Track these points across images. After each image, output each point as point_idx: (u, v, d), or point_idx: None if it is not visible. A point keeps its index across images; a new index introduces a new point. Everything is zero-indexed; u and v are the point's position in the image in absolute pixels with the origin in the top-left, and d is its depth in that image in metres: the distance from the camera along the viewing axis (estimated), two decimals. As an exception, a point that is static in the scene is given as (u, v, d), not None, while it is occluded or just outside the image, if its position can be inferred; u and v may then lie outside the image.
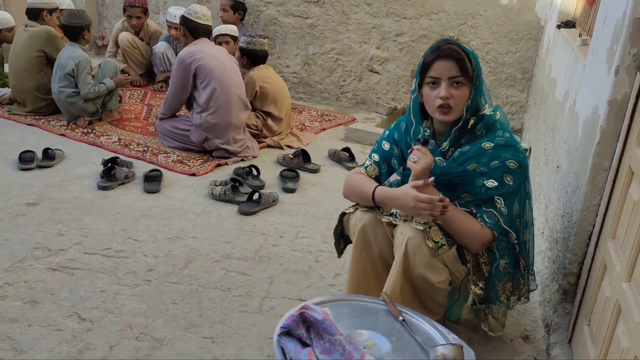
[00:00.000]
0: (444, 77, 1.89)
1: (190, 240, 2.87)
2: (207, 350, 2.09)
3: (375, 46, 5.37)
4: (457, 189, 1.96)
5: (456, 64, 1.88)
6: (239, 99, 4.00)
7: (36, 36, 4.52)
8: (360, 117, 5.21)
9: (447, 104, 1.90)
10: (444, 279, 1.94)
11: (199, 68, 3.86)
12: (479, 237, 1.91)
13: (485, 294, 2.00)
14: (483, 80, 1.96)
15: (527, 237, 2.04)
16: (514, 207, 1.94)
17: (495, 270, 1.97)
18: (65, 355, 2.02)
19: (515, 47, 4.95)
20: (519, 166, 1.93)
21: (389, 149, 2.15)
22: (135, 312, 2.28)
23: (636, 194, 1.69)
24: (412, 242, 1.89)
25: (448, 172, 1.95)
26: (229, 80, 3.93)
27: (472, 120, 1.95)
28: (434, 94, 1.91)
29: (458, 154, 1.97)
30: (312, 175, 3.85)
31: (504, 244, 1.96)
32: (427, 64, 1.92)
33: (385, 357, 1.66)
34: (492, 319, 2.06)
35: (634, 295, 1.57)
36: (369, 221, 2.04)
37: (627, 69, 1.84)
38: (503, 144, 1.93)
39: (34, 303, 2.29)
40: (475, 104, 1.94)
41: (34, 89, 4.52)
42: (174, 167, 3.76)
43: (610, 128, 1.92)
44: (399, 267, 1.91)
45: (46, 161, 3.63)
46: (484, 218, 1.92)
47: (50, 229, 2.87)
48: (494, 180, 1.91)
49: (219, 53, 4.04)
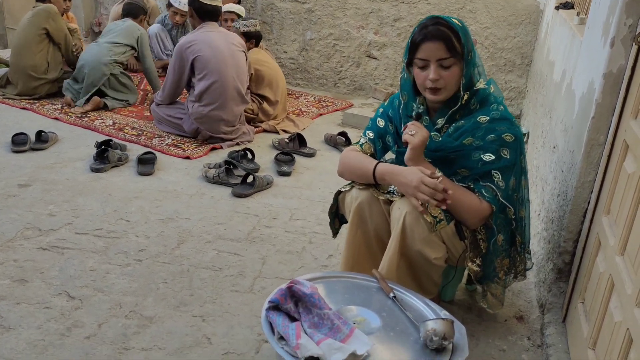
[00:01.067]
0: (432, 60, 1.86)
1: (182, 222, 2.84)
2: (196, 329, 2.07)
3: (373, 31, 5.32)
4: (454, 164, 1.93)
5: (444, 45, 1.83)
6: (237, 93, 3.89)
7: (38, 14, 4.53)
8: (358, 103, 5.17)
9: (436, 86, 1.87)
10: (441, 256, 1.91)
11: (196, 59, 3.78)
12: (477, 212, 1.88)
13: (482, 271, 1.97)
14: (475, 53, 1.92)
15: (523, 213, 2.02)
16: (510, 182, 1.91)
17: (493, 246, 1.95)
18: (54, 332, 2.00)
19: (515, 32, 4.90)
20: (515, 139, 1.90)
21: (383, 126, 2.12)
22: (125, 291, 2.26)
23: (630, 167, 1.66)
24: (409, 216, 1.86)
25: (444, 147, 1.93)
26: (226, 74, 3.81)
27: (466, 95, 1.92)
28: (424, 75, 1.89)
29: (453, 128, 1.94)
30: (307, 159, 3.82)
31: (502, 219, 1.93)
32: (415, 44, 1.88)
33: (375, 332, 1.64)
34: (491, 296, 2.04)
35: (626, 268, 1.54)
36: (365, 199, 2.01)
37: (623, 40, 1.80)
38: (498, 117, 1.90)
39: (23, 281, 2.27)
40: (468, 79, 1.91)
41: (30, 67, 4.49)
42: (168, 150, 3.73)
43: (606, 102, 1.88)
44: (396, 243, 1.89)
45: (39, 144, 3.61)
46: (482, 192, 1.89)
47: (42, 210, 2.84)
48: (490, 154, 1.87)
49: (222, 41, 3.85)
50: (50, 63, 4.60)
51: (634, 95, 1.73)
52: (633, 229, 1.55)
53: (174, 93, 3.99)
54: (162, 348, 1.96)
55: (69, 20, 5.04)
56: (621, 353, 1.43)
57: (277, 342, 1.56)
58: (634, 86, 1.75)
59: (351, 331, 1.58)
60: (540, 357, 2.06)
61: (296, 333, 1.56)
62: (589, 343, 1.74)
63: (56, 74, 4.62)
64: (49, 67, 4.59)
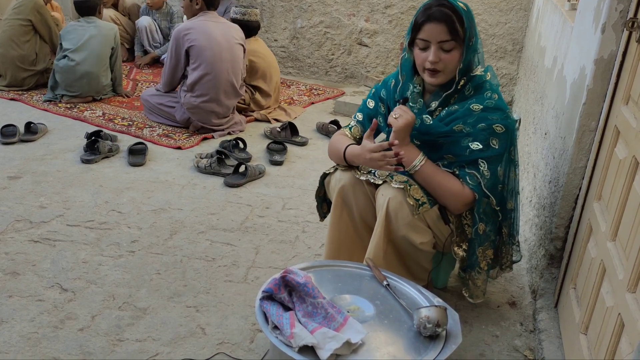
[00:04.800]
0: (433, 41, 1.85)
1: (175, 212, 2.83)
2: (190, 319, 2.07)
3: (364, 19, 5.29)
4: (442, 149, 1.93)
5: (446, 27, 1.82)
6: (230, 85, 3.84)
7: (24, 4, 4.47)
8: (350, 91, 5.15)
9: (435, 68, 1.87)
10: (427, 240, 1.92)
11: (191, 48, 3.73)
12: (459, 197, 1.89)
13: (467, 257, 1.98)
14: (478, 39, 1.90)
15: (512, 205, 2.01)
16: (497, 172, 1.91)
17: (476, 234, 1.95)
18: (47, 324, 1.99)
19: (506, 18, 4.89)
20: (506, 131, 1.89)
21: (374, 106, 2.11)
22: (118, 283, 2.25)
23: (621, 153, 1.66)
24: (393, 202, 1.86)
25: (433, 130, 1.92)
26: (220, 67, 3.76)
27: (462, 80, 1.91)
28: (424, 56, 1.88)
29: (445, 113, 1.93)
30: (299, 148, 3.81)
31: (485, 208, 1.93)
32: (418, 24, 1.88)
33: (369, 320, 1.65)
34: (473, 285, 2.04)
35: (618, 254, 1.55)
36: (348, 181, 2.02)
37: (614, 26, 1.80)
38: (492, 106, 1.89)
39: (15, 274, 2.25)
40: (467, 65, 1.90)
41: (17, 58, 4.45)
42: (160, 140, 3.71)
43: (597, 88, 1.88)
44: (381, 229, 1.89)
45: (28, 135, 3.58)
46: (466, 179, 1.89)
47: (32, 202, 2.82)
48: (479, 143, 1.87)
49: (220, 33, 3.79)
50: (39, 54, 4.55)
51: (625, 81, 1.73)
52: (624, 214, 1.56)
53: (172, 79, 3.90)
54: (156, 339, 1.96)
55: (53, 9, 4.97)
56: (613, 338, 1.44)
57: (271, 332, 1.56)
58: (624, 72, 1.75)
59: (345, 319, 1.58)
60: (532, 342, 2.08)
61: (290, 322, 1.56)
62: (580, 328, 1.75)
63: (44, 65, 4.57)
64: (37, 58, 4.54)
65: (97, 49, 4.25)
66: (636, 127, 1.55)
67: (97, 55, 4.26)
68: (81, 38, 4.23)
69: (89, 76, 4.24)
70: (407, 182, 1.88)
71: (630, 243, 1.45)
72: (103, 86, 4.37)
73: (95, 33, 4.26)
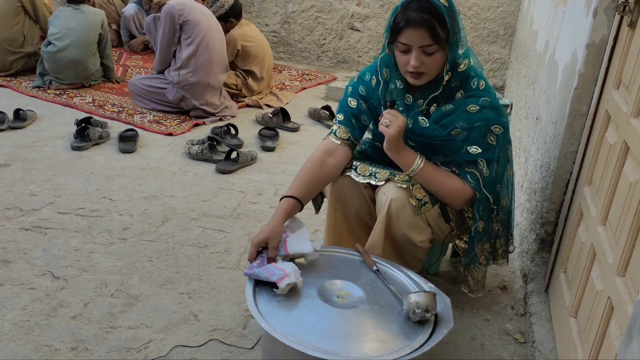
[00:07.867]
0: (414, 46, 1.77)
1: (166, 199, 2.82)
2: (183, 306, 2.07)
3: (355, 3, 5.25)
4: (439, 152, 1.89)
5: (427, 32, 1.74)
6: (221, 60, 3.91)
7: None
8: (342, 76, 5.13)
9: (418, 71, 1.80)
10: (426, 238, 1.92)
11: (185, 23, 3.75)
12: (461, 194, 1.87)
13: (467, 252, 1.97)
14: (460, 28, 1.83)
15: (506, 202, 2.01)
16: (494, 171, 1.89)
17: (475, 232, 1.94)
18: (39, 312, 1.98)
19: (498, 2, 4.87)
20: (504, 131, 1.88)
21: (356, 105, 2.02)
22: (110, 270, 2.25)
23: (612, 138, 1.67)
24: (395, 202, 1.84)
25: (430, 133, 1.87)
26: (213, 40, 3.83)
27: (448, 76, 1.85)
28: (405, 58, 1.80)
29: (440, 114, 1.87)
30: (291, 134, 3.80)
31: (484, 207, 1.92)
32: (398, 28, 1.78)
33: (358, 305, 1.65)
34: (472, 280, 2.04)
35: (608, 238, 1.56)
36: (341, 181, 1.98)
37: (606, 10, 1.79)
38: (487, 105, 1.84)
39: (6, 262, 2.25)
40: (452, 63, 1.84)
41: (5, 41, 4.40)
42: (150, 127, 3.69)
43: (589, 72, 1.88)
44: (382, 227, 1.88)
45: (18, 122, 3.54)
46: (467, 178, 1.86)
47: (22, 190, 2.80)
48: (477, 147, 1.84)
49: (207, 10, 3.94)
50: (27, 36, 4.50)
51: (616, 65, 1.73)
52: (614, 199, 1.57)
53: (166, 55, 3.88)
54: (149, 326, 1.96)
55: None
56: (602, 321, 1.46)
57: (262, 317, 1.57)
58: (616, 57, 1.75)
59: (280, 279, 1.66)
60: (523, 326, 2.10)
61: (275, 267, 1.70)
62: (570, 311, 1.77)
63: (32, 48, 4.52)
64: (25, 40, 4.49)
65: (82, 35, 4.20)
66: (627, 111, 1.55)
67: (83, 41, 4.21)
68: (66, 24, 4.18)
69: (76, 63, 4.20)
70: (410, 182, 1.85)
71: (620, 227, 1.46)
72: (92, 72, 4.33)
73: (81, 19, 4.21)
